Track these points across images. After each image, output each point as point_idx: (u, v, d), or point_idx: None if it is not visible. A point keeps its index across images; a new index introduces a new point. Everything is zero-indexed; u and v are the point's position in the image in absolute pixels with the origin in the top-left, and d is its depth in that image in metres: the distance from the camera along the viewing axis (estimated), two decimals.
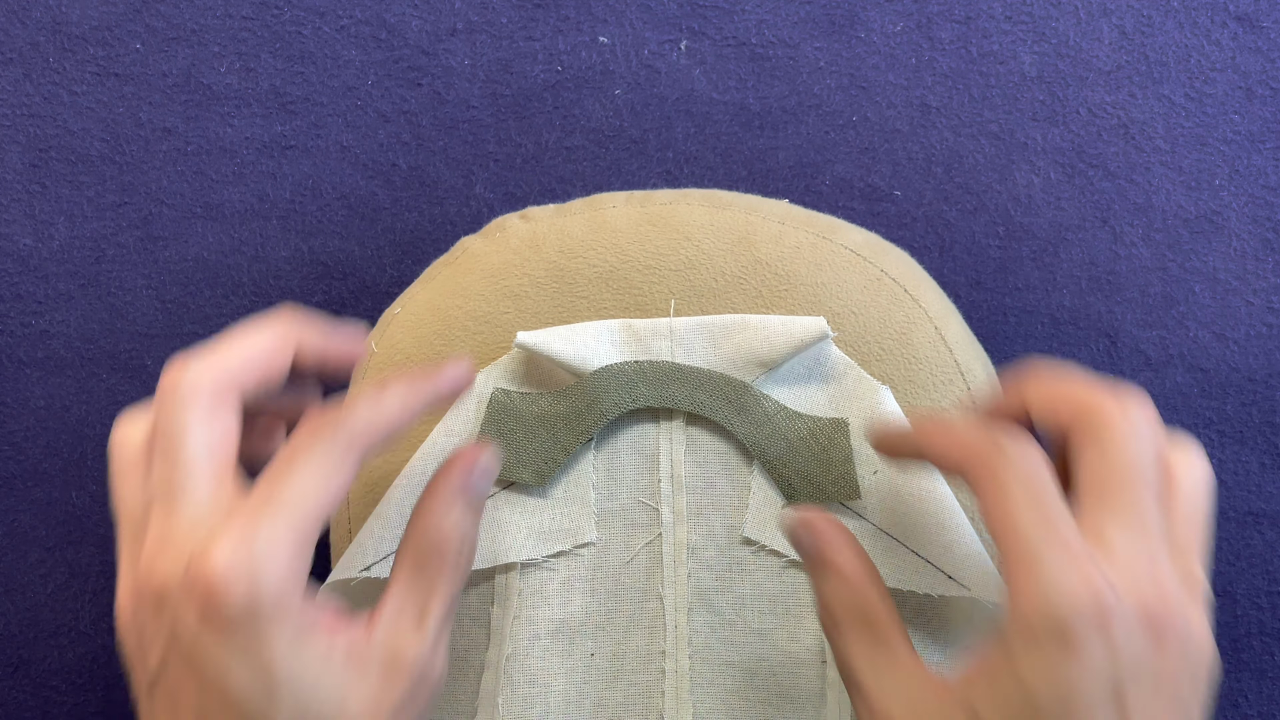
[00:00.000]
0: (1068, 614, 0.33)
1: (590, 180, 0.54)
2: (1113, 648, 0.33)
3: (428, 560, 0.38)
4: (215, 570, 0.33)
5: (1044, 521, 0.34)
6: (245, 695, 0.34)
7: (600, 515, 0.44)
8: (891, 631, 0.38)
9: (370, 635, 0.37)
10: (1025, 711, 0.33)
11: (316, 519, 0.35)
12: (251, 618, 0.33)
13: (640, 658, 0.43)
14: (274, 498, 0.34)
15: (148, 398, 0.39)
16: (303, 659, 0.34)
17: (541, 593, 0.43)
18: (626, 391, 0.44)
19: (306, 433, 0.36)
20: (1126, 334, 0.53)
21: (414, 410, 0.38)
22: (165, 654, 0.35)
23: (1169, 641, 0.34)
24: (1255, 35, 0.54)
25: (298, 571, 0.34)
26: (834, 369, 0.44)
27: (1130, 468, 0.36)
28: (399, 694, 0.36)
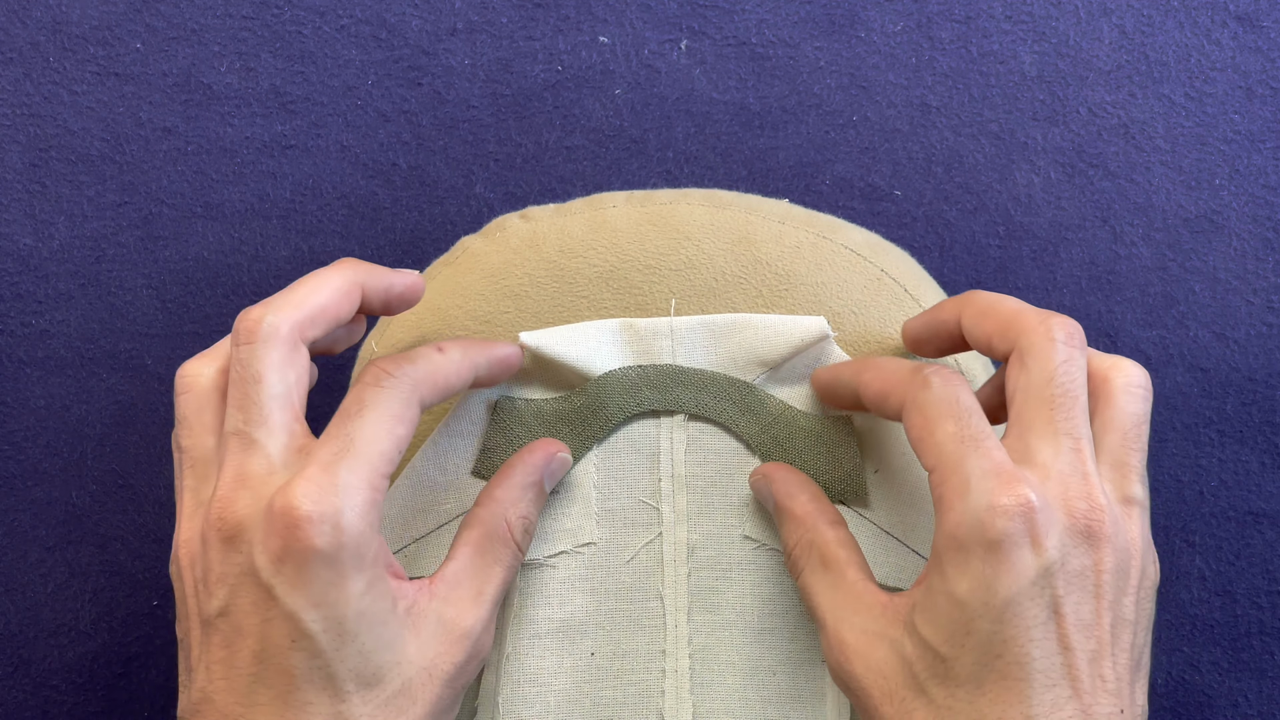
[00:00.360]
0: (994, 525, 0.34)
1: (590, 180, 0.54)
2: (1043, 555, 0.34)
3: (492, 542, 0.40)
4: (300, 510, 0.34)
5: (967, 439, 0.35)
6: (316, 635, 0.34)
7: (601, 514, 0.44)
8: (843, 562, 0.39)
9: (431, 598, 0.38)
10: (959, 623, 0.34)
11: (389, 465, 0.36)
12: (333, 560, 0.34)
13: (640, 657, 0.43)
14: (351, 444, 0.35)
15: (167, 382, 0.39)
16: (374, 607, 0.35)
17: (542, 592, 0.43)
18: (631, 396, 0.44)
19: (372, 380, 0.37)
20: (1126, 334, 0.53)
21: (470, 369, 0.40)
22: (233, 591, 0.35)
23: (1101, 547, 0.35)
24: (1255, 35, 0.54)
25: (374, 519, 0.35)
26: None
27: (1052, 384, 0.36)
28: (456, 659, 0.37)
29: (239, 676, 0.35)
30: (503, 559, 0.40)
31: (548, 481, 0.42)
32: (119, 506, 0.54)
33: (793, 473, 0.42)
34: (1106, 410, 0.37)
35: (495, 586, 0.39)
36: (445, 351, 0.39)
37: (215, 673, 0.35)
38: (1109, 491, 0.36)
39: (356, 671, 0.35)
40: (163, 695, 0.53)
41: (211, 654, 0.35)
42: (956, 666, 0.34)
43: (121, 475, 0.54)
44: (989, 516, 0.34)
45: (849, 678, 0.37)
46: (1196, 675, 0.53)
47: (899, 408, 0.38)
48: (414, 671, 0.36)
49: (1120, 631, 0.35)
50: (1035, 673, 0.34)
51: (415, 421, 0.37)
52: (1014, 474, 0.34)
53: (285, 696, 0.34)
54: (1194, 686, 0.53)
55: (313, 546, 0.34)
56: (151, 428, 0.54)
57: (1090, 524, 0.35)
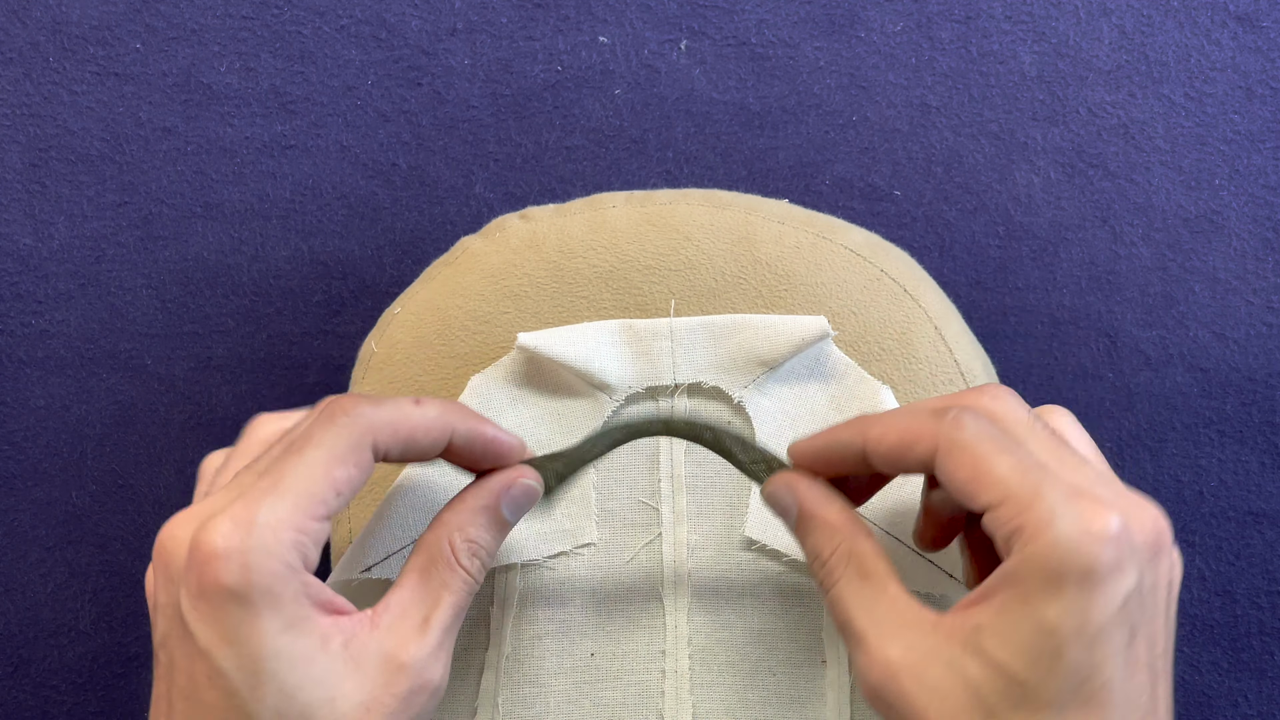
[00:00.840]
0: (1090, 552, 0.33)
1: (590, 180, 0.54)
2: (1128, 580, 0.33)
3: (436, 566, 0.38)
4: (211, 545, 0.33)
5: (1032, 468, 0.34)
6: (228, 673, 0.33)
7: (600, 515, 0.44)
8: (884, 574, 0.37)
9: (372, 629, 0.36)
10: (1047, 649, 0.33)
11: (322, 506, 0.34)
12: (242, 599, 0.33)
13: (640, 658, 0.43)
14: (278, 480, 0.34)
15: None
16: (293, 648, 0.34)
17: (541, 593, 0.43)
18: (622, 433, 0.41)
19: (326, 417, 0.36)
20: (1126, 334, 0.53)
21: (443, 430, 0.37)
22: (168, 624, 0.35)
23: (1162, 562, 0.35)
24: (1255, 35, 0.54)
25: (296, 557, 0.34)
26: (834, 369, 0.44)
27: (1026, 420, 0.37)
28: (397, 694, 0.36)
29: (174, 712, 0.35)
30: (449, 584, 0.38)
31: (508, 510, 0.39)
32: (119, 506, 0.54)
33: (818, 480, 0.39)
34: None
35: (443, 613, 0.37)
36: (421, 404, 0.37)
37: (159, 708, 0.35)
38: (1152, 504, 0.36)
39: (278, 711, 0.34)
40: None
41: (158, 687, 0.35)
42: (1039, 692, 0.33)
43: (121, 475, 0.54)
44: (1085, 544, 0.33)
45: (897, 697, 0.35)
46: (1196, 675, 0.53)
47: (927, 455, 0.36)
48: (349, 708, 0.35)
49: (1170, 643, 0.35)
50: (1117, 696, 0.33)
51: (366, 466, 0.36)
52: (1096, 499, 0.34)
53: None
54: (1194, 686, 0.53)
55: (220, 583, 0.33)
56: (151, 428, 0.54)
57: (1159, 537, 0.34)
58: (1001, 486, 0.34)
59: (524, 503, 0.39)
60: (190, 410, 0.54)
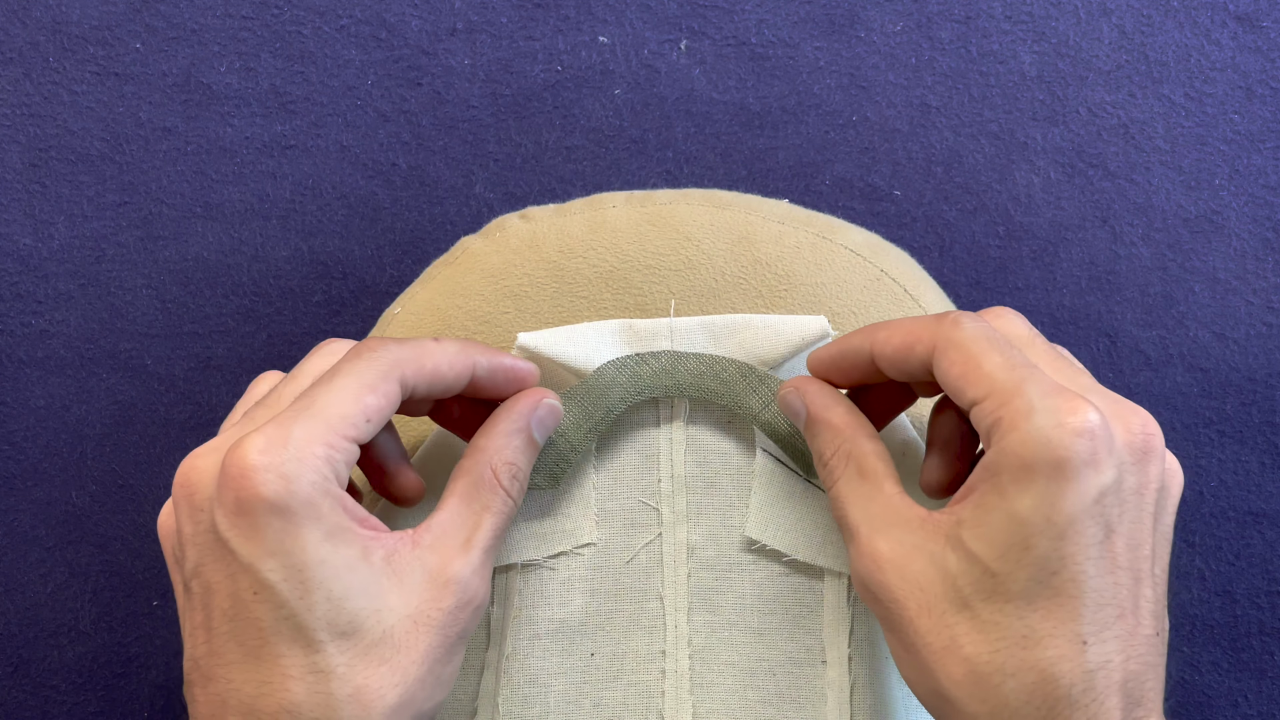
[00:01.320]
0: (1063, 443, 0.34)
1: (590, 180, 0.54)
2: (1104, 475, 0.34)
3: (479, 489, 0.39)
4: (248, 460, 0.34)
5: (1019, 365, 0.35)
6: (275, 585, 0.34)
7: (600, 515, 0.44)
8: (880, 474, 0.38)
9: (414, 547, 0.37)
10: (1017, 540, 0.34)
11: (352, 428, 0.35)
12: (283, 509, 0.34)
13: (640, 658, 0.43)
14: (311, 404, 0.35)
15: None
16: (336, 556, 0.35)
17: (541, 593, 0.43)
18: (631, 385, 0.43)
19: (352, 354, 0.37)
20: (1126, 334, 0.53)
21: (465, 364, 0.39)
22: (200, 551, 0.35)
23: (1152, 465, 0.35)
24: (1255, 35, 0.54)
25: (328, 475, 0.35)
26: None
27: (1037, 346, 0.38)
28: (444, 608, 0.37)
29: (215, 635, 0.35)
30: (491, 506, 0.39)
31: (537, 430, 0.41)
32: (119, 506, 0.54)
33: (826, 386, 0.41)
34: None
35: (485, 534, 0.38)
36: (440, 341, 0.39)
37: (198, 637, 0.35)
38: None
39: (328, 620, 0.34)
40: (163, 695, 0.53)
41: (193, 617, 0.35)
42: (1009, 582, 0.34)
43: (121, 475, 0.54)
44: (1058, 435, 0.33)
45: (880, 588, 0.37)
46: (1196, 675, 0.53)
47: (927, 355, 0.37)
48: (396, 619, 0.35)
49: (1160, 550, 0.35)
50: (1088, 591, 0.34)
51: (393, 396, 0.37)
52: (1076, 395, 0.34)
53: (257, 650, 0.34)
54: (1194, 686, 0.53)
55: (260, 495, 0.34)
56: (151, 428, 0.54)
57: (1146, 440, 0.35)
58: (988, 381, 0.35)
59: (550, 422, 0.41)
60: (190, 410, 0.54)
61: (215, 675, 0.35)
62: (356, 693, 0.34)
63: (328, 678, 0.34)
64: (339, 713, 0.34)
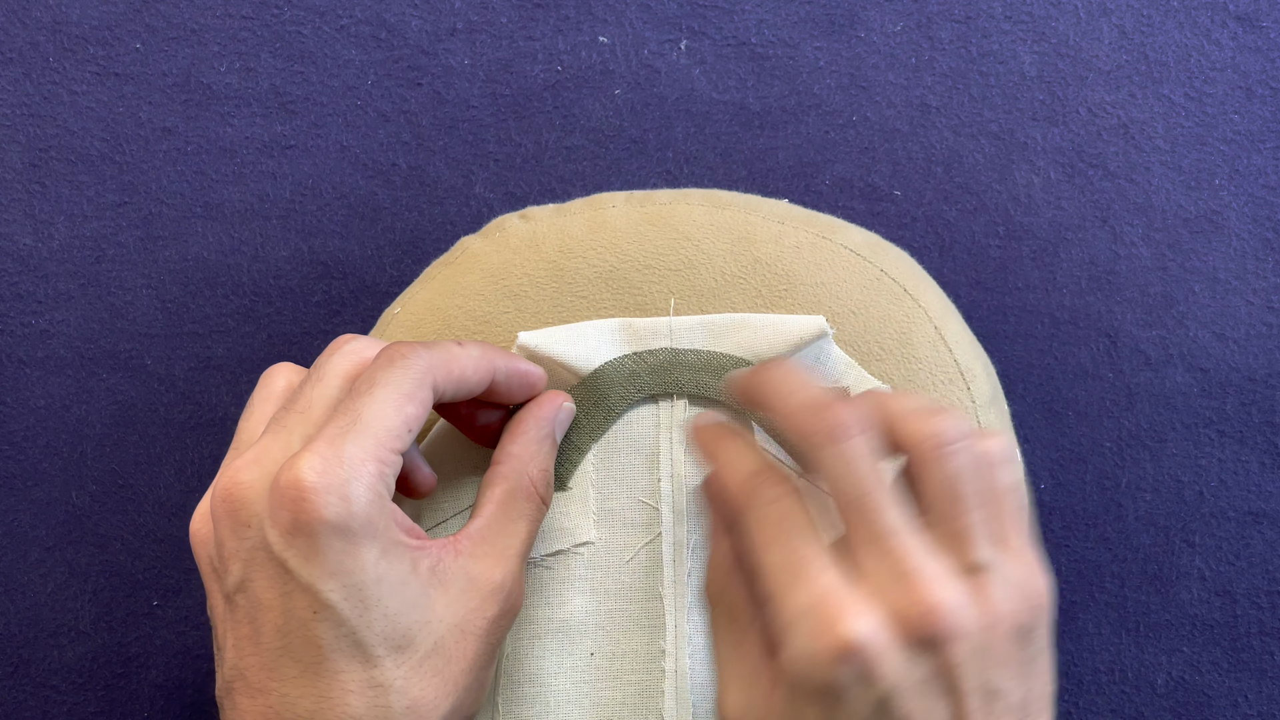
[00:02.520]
0: (817, 674, 0.33)
1: (590, 180, 0.54)
2: (878, 686, 0.33)
3: (516, 497, 0.40)
4: (306, 482, 0.34)
5: (789, 568, 0.34)
6: (337, 605, 0.34)
7: (599, 514, 0.44)
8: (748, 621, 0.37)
9: (456, 556, 0.38)
10: None
11: (398, 440, 0.36)
12: (344, 530, 0.34)
13: (640, 658, 0.43)
14: (357, 419, 0.35)
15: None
16: (391, 573, 0.35)
17: (541, 592, 0.43)
18: (630, 384, 0.44)
19: (384, 361, 0.37)
20: (1126, 334, 0.53)
21: (488, 369, 0.39)
22: (248, 566, 0.35)
23: (945, 646, 0.33)
24: (1255, 35, 0.54)
25: (381, 491, 0.35)
26: (834, 368, 0.44)
27: (841, 491, 0.35)
28: (490, 616, 0.37)
29: (266, 650, 0.35)
30: (526, 513, 0.40)
31: (558, 433, 0.42)
32: (119, 506, 0.54)
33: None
34: (922, 483, 0.35)
35: (521, 541, 0.39)
36: (464, 345, 0.39)
37: (244, 649, 0.36)
38: (947, 570, 0.34)
39: (385, 636, 0.35)
40: (163, 695, 0.53)
41: (238, 630, 0.36)
42: None
43: (121, 475, 0.54)
44: (811, 667, 0.33)
45: None
46: (1196, 675, 0.53)
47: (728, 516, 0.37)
48: (445, 630, 0.36)
49: (996, 704, 0.34)
50: None
51: (428, 403, 0.37)
52: (834, 611, 0.33)
53: (316, 667, 0.35)
54: (1194, 686, 0.53)
55: (321, 518, 0.34)
56: (151, 428, 0.54)
57: (923, 630, 0.33)
58: (767, 584, 0.35)
59: (566, 424, 0.43)
60: (190, 410, 0.54)
61: (268, 688, 0.35)
62: (413, 705, 0.35)
63: (386, 691, 0.35)
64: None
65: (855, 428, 0.35)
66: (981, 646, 0.34)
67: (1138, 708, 0.53)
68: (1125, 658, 0.53)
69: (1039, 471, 0.53)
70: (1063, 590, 0.53)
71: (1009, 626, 0.34)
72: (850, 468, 0.35)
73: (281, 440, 0.37)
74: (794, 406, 0.36)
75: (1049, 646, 0.36)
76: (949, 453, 0.35)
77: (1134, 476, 0.53)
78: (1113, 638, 0.53)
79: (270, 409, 0.39)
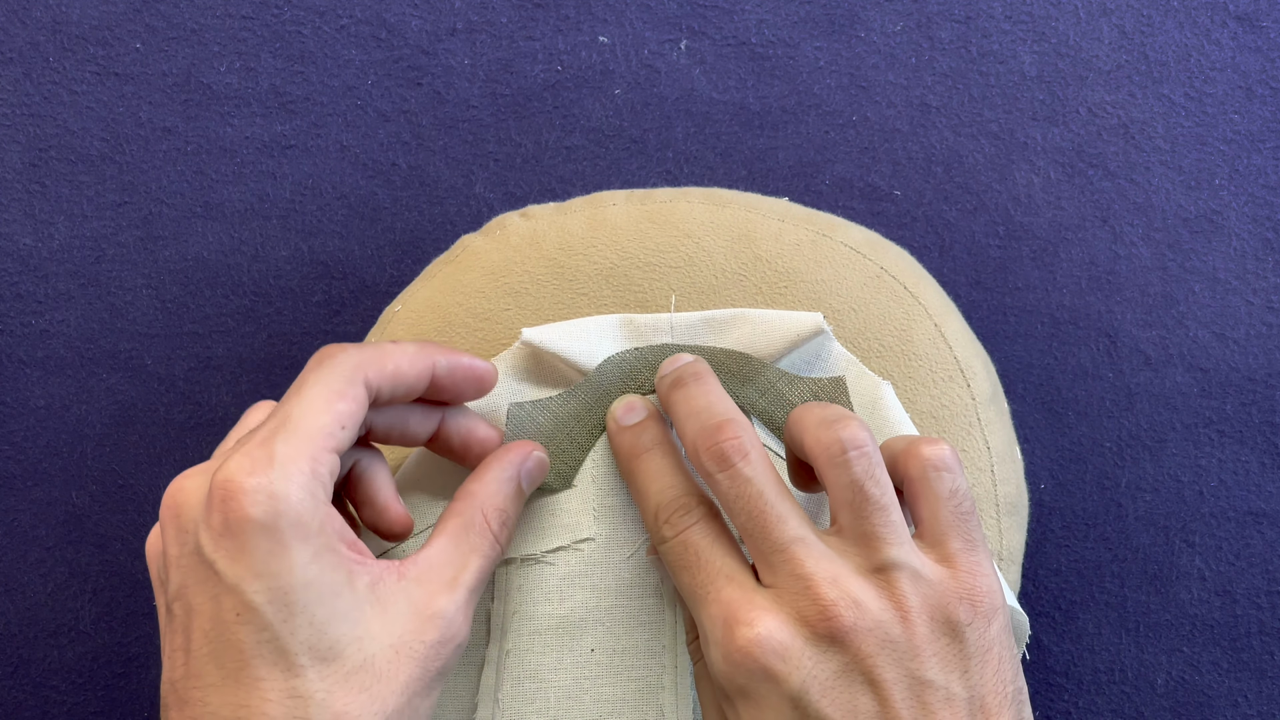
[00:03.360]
0: (732, 678, 0.36)
1: (590, 180, 0.54)
2: (789, 682, 0.35)
3: (469, 532, 0.39)
4: (234, 482, 0.34)
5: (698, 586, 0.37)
6: (260, 606, 0.34)
7: (601, 511, 0.44)
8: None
9: (400, 579, 0.37)
10: None
11: (329, 439, 0.35)
12: (271, 529, 0.34)
13: (641, 654, 0.43)
14: (286, 420, 0.35)
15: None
16: (321, 579, 0.35)
17: (541, 588, 0.43)
18: (630, 379, 0.44)
19: (314, 363, 0.37)
20: (1126, 334, 0.53)
21: (425, 363, 0.39)
22: (184, 573, 0.35)
23: (850, 639, 0.35)
24: (1255, 35, 0.54)
25: (315, 491, 0.35)
26: (835, 364, 0.44)
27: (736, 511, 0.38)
28: (427, 642, 0.36)
29: (194, 658, 0.34)
30: (479, 549, 0.39)
31: (525, 481, 0.41)
32: (119, 506, 0.54)
33: None
34: (828, 490, 0.38)
35: (472, 574, 0.38)
36: (399, 343, 0.39)
37: (176, 659, 0.35)
38: (854, 570, 0.36)
39: (309, 645, 0.34)
40: None
41: (173, 640, 0.35)
42: None
43: (121, 475, 0.54)
44: (726, 670, 0.36)
45: None
46: (1196, 675, 0.53)
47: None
48: (378, 648, 0.35)
49: (927, 694, 0.35)
50: None
51: (361, 399, 0.37)
52: (737, 616, 0.36)
53: (237, 673, 0.34)
54: (1194, 686, 0.53)
55: (248, 516, 0.33)
56: (151, 428, 0.54)
57: (823, 626, 0.35)
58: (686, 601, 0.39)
59: (537, 475, 0.42)
60: (190, 410, 0.54)
61: (191, 698, 0.34)
62: (335, 719, 0.34)
63: (306, 703, 0.34)
64: None
65: (737, 454, 0.38)
66: (894, 639, 0.35)
67: (1138, 708, 0.53)
68: (1125, 658, 0.53)
69: (1039, 471, 0.53)
70: (1063, 590, 0.53)
71: (927, 620, 0.36)
72: (741, 489, 0.37)
73: (222, 455, 0.37)
74: (690, 432, 0.39)
75: (1005, 645, 0.37)
76: (846, 460, 0.37)
77: (1134, 476, 0.53)
78: (1113, 638, 0.53)
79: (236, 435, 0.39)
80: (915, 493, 0.38)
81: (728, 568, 0.37)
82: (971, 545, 0.37)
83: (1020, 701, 0.37)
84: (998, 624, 0.37)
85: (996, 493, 0.45)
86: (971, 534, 0.38)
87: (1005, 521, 0.45)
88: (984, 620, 0.36)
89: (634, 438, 0.42)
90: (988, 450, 0.45)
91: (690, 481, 0.40)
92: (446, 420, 0.41)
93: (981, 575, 0.37)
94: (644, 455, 0.41)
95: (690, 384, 0.41)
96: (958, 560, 0.37)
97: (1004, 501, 0.45)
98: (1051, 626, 0.53)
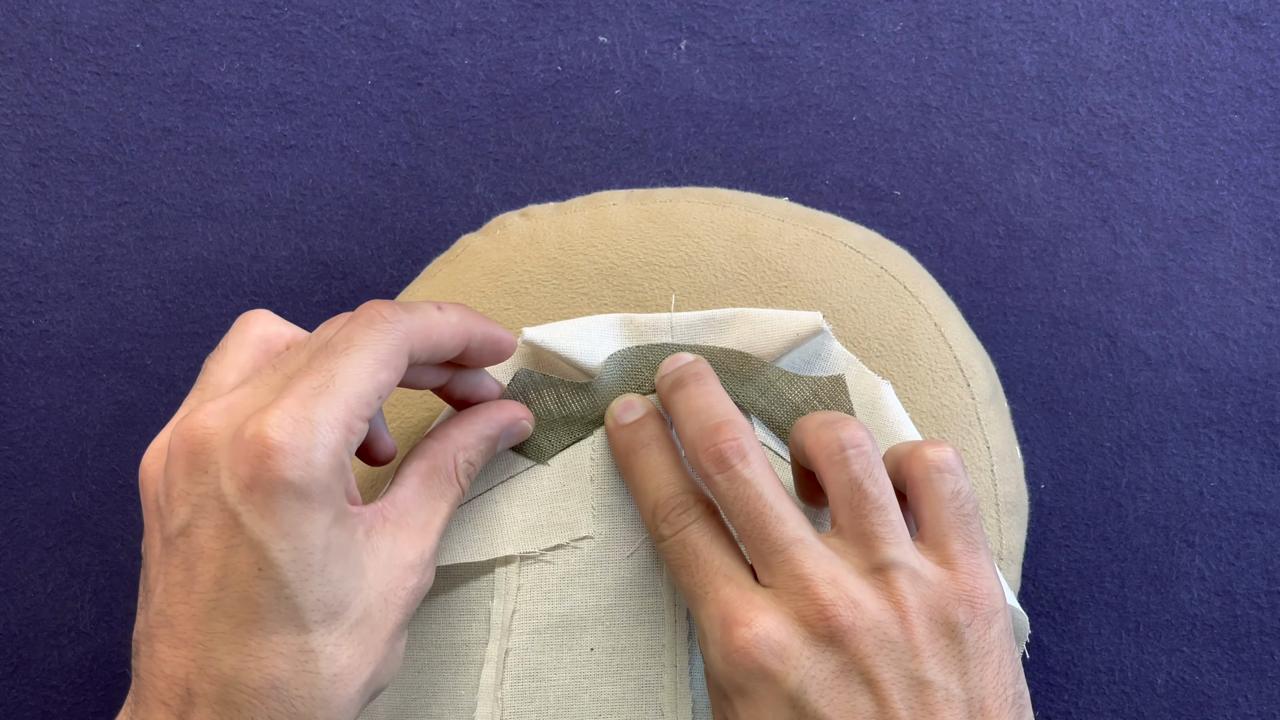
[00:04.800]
0: (731, 677, 0.36)
1: (590, 180, 0.54)
2: (787, 681, 0.35)
3: (438, 476, 0.39)
4: (272, 440, 0.33)
5: (697, 586, 0.38)
6: (283, 565, 0.34)
7: (600, 509, 0.44)
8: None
9: (384, 525, 0.37)
10: None
11: (367, 408, 0.35)
12: (303, 493, 0.34)
13: (640, 652, 0.43)
14: (330, 382, 0.35)
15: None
16: (338, 540, 0.35)
17: (541, 587, 0.43)
18: (631, 378, 0.44)
19: (364, 321, 0.36)
20: (1126, 334, 0.53)
21: (464, 335, 0.39)
22: (196, 511, 0.34)
23: (849, 638, 0.35)
24: (1255, 35, 0.54)
25: (344, 458, 0.35)
26: (835, 364, 0.44)
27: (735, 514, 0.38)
28: (410, 587, 0.37)
29: (198, 600, 0.34)
30: (446, 495, 0.40)
31: (504, 441, 0.42)
32: (119, 506, 0.54)
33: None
34: (827, 490, 0.38)
35: (441, 520, 0.39)
36: (444, 310, 0.38)
37: (174, 595, 0.35)
38: (852, 570, 0.37)
39: (322, 602, 0.34)
40: None
41: (170, 575, 0.35)
42: None
43: (121, 475, 0.54)
44: (725, 669, 0.36)
45: None
46: (1196, 675, 0.53)
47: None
48: (373, 597, 0.36)
49: (926, 694, 0.36)
50: None
51: (402, 370, 0.37)
52: (735, 616, 0.36)
53: (248, 625, 0.34)
54: (1194, 686, 0.53)
55: (283, 478, 0.33)
56: (151, 428, 0.54)
57: (825, 625, 0.35)
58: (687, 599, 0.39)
59: (517, 440, 0.43)
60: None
61: (194, 641, 0.34)
62: (339, 673, 0.35)
63: (315, 658, 0.34)
64: (321, 692, 0.35)
65: (736, 455, 0.38)
66: (892, 639, 0.36)
67: (1138, 708, 0.53)
68: (1125, 658, 0.53)
69: (1039, 471, 0.53)
70: (1063, 590, 0.53)
71: (926, 620, 0.36)
72: (740, 490, 0.37)
73: (260, 394, 0.36)
74: (690, 432, 0.39)
75: (1006, 649, 0.37)
76: (845, 458, 0.38)
77: (1134, 476, 0.53)
78: (1113, 638, 0.53)
79: (244, 356, 0.38)
80: (918, 494, 0.38)
81: (726, 567, 0.38)
82: (973, 547, 0.37)
83: (1021, 706, 0.37)
84: (998, 627, 0.37)
85: (996, 492, 0.45)
86: (973, 536, 0.38)
87: (1005, 521, 0.45)
88: (984, 622, 0.36)
89: (632, 434, 0.42)
90: (988, 450, 0.45)
91: (688, 479, 0.41)
92: (457, 375, 0.41)
93: (982, 577, 0.37)
94: (641, 452, 0.41)
95: (690, 384, 0.41)
96: (958, 562, 0.37)
97: (1004, 501, 0.45)
98: (1051, 626, 0.53)
